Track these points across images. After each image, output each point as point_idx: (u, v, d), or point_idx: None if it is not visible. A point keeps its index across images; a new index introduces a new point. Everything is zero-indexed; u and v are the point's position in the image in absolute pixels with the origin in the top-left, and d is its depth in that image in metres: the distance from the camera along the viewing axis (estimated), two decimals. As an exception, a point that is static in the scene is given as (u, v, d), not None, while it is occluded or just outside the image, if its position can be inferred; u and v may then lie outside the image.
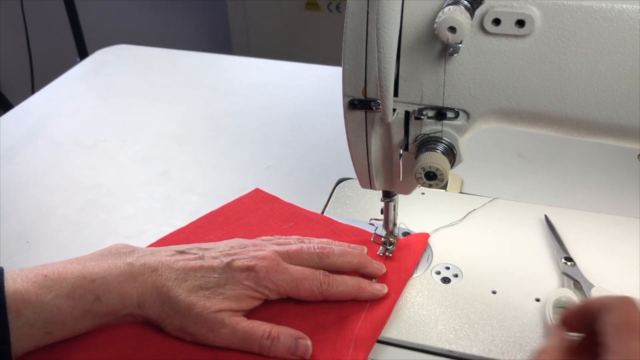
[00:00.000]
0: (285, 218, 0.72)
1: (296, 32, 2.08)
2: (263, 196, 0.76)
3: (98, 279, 0.52)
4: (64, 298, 0.50)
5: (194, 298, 0.53)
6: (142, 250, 0.56)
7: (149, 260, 0.54)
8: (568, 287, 0.61)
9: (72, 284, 0.51)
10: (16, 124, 0.97)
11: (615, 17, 0.43)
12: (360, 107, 0.52)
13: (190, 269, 0.55)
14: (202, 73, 1.15)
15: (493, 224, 0.71)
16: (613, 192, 0.78)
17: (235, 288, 0.54)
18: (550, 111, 0.47)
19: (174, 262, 0.55)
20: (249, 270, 0.55)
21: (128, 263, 0.54)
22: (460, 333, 0.57)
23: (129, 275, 0.53)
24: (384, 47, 0.43)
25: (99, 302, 0.51)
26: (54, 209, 0.77)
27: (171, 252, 0.56)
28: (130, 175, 0.84)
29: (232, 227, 0.71)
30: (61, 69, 1.17)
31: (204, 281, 0.54)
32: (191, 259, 0.56)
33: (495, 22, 0.45)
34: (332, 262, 0.60)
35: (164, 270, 0.54)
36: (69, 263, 0.53)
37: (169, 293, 0.53)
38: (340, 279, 0.58)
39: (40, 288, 0.49)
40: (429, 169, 0.49)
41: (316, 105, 1.02)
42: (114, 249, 0.56)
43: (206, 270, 0.55)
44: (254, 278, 0.55)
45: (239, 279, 0.54)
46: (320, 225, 0.71)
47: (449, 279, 0.63)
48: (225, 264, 0.55)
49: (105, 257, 0.54)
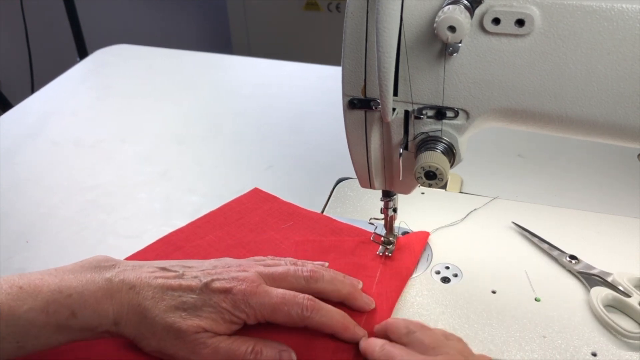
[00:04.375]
0: (285, 217, 0.72)
1: (296, 32, 2.08)
2: (262, 196, 0.76)
3: (75, 294, 0.50)
4: (37, 312, 0.48)
5: (170, 319, 0.51)
6: (124, 265, 0.54)
7: (128, 276, 0.53)
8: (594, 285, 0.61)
9: (47, 297, 0.49)
10: (16, 124, 0.97)
11: (615, 16, 0.43)
12: (360, 107, 0.52)
13: (169, 287, 0.53)
14: (202, 73, 1.15)
15: (493, 223, 0.71)
16: (613, 192, 0.78)
17: (212, 311, 0.52)
18: (550, 110, 0.47)
19: (153, 280, 0.53)
20: (226, 292, 0.53)
21: (107, 279, 0.52)
22: (460, 333, 0.57)
23: (106, 292, 0.51)
24: (383, 47, 0.43)
25: (74, 318, 0.50)
26: (53, 208, 0.77)
27: (152, 269, 0.55)
28: (130, 175, 0.84)
29: (232, 227, 0.71)
30: (61, 68, 1.17)
31: (180, 301, 0.52)
32: (171, 277, 0.54)
33: (495, 21, 0.45)
34: (319, 287, 0.57)
35: (141, 288, 0.52)
36: (47, 274, 0.51)
37: (146, 314, 0.51)
38: (326, 309, 0.54)
39: (13, 300, 0.48)
40: (428, 169, 0.49)
41: (316, 105, 1.02)
42: (95, 261, 0.54)
43: (184, 290, 0.53)
44: (231, 301, 0.52)
45: (216, 300, 0.52)
46: (320, 224, 0.71)
47: (448, 278, 0.63)
48: (204, 284, 0.53)
49: (85, 270, 0.53)
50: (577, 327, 0.57)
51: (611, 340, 0.56)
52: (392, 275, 0.62)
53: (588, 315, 0.58)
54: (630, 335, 0.55)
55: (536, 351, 0.55)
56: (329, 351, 0.55)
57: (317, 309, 0.54)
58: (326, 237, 0.69)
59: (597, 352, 0.55)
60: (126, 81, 1.12)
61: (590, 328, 0.57)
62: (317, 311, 0.54)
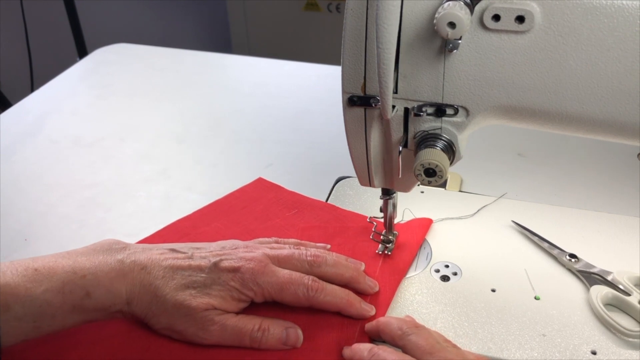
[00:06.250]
0: (289, 205, 0.73)
1: (296, 33, 2.08)
2: (266, 185, 0.78)
3: (88, 275, 0.51)
4: (54, 293, 0.50)
5: (180, 297, 0.53)
6: (134, 247, 0.56)
7: (139, 257, 0.54)
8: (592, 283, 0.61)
9: (63, 279, 0.50)
10: (15, 122, 0.97)
11: (615, 13, 0.42)
12: (360, 104, 0.52)
13: (178, 267, 0.54)
14: (202, 72, 1.14)
15: (492, 222, 0.71)
16: (613, 190, 0.78)
17: (221, 289, 0.54)
18: (550, 108, 0.47)
19: (163, 260, 0.55)
20: (234, 271, 0.55)
21: (118, 260, 0.54)
22: (459, 331, 0.57)
23: (119, 272, 0.53)
24: (383, 44, 0.43)
25: (88, 298, 0.51)
26: (52, 207, 0.77)
27: (162, 250, 0.56)
28: (129, 174, 0.84)
29: (238, 215, 0.72)
30: (60, 67, 1.17)
31: (190, 280, 0.54)
32: (180, 257, 0.56)
33: (495, 18, 0.45)
34: (322, 271, 0.58)
35: (152, 268, 0.54)
36: (60, 257, 0.53)
37: (156, 292, 0.53)
38: (330, 289, 0.57)
39: (30, 282, 0.49)
40: (428, 166, 0.49)
41: (315, 104, 1.02)
42: (106, 244, 0.55)
43: (193, 270, 0.55)
44: (240, 279, 0.54)
45: (225, 279, 0.54)
46: (324, 211, 0.72)
47: (448, 277, 0.63)
48: (213, 263, 0.55)
49: (96, 252, 0.54)
50: (577, 325, 0.57)
51: (611, 338, 0.56)
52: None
53: (588, 313, 0.58)
54: (630, 333, 0.55)
55: (536, 349, 0.55)
56: (335, 328, 0.56)
57: (322, 289, 0.56)
58: (330, 224, 0.70)
59: (597, 350, 0.55)
60: (126, 80, 1.11)
61: (590, 326, 0.57)
62: (321, 291, 0.56)
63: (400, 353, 0.51)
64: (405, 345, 0.51)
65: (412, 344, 0.51)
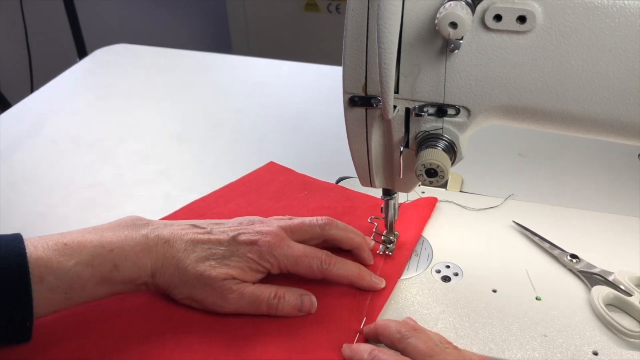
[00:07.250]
0: (300, 187, 0.76)
1: (296, 33, 2.08)
2: (278, 168, 0.81)
3: (116, 249, 0.54)
4: (83, 265, 0.52)
5: (201, 268, 0.56)
6: (156, 223, 0.59)
7: (163, 232, 0.57)
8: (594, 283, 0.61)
9: (92, 252, 0.53)
10: (15, 123, 0.97)
11: (616, 13, 0.42)
12: (361, 104, 0.52)
13: (199, 241, 0.57)
14: (202, 72, 1.14)
15: (493, 222, 0.70)
16: (614, 191, 0.78)
17: (240, 260, 0.57)
18: (551, 108, 0.47)
19: (185, 235, 0.57)
20: (252, 244, 0.57)
21: (143, 235, 0.56)
22: (460, 332, 0.57)
23: (144, 246, 0.55)
24: (384, 44, 0.43)
25: (116, 271, 0.54)
26: (52, 207, 0.77)
27: (184, 226, 0.59)
28: (129, 174, 0.84)
29: (252, 196, 0.75)
30: (60, 67, 1.17)
31: (210, 252, 0.57)
32: (201, 232, 0.58)
33: (497, 18, 0.44)
34: (333, 234, 0.62)
35: (175, 241, 0.57)
36: (87, 232, 0.55)
37: (179, 264, 0.56)
38: (342, 262, 0.60)
39: (61, 255, 0.51)
40: (429, 166, 0.49)
41: (316, 104, 1.02)
42: (130, 220, 0.58)
43: (213, 243, 0.57)
44: (257, 252, 0.57)
45: (243, 251, 0.57)
46: (334, 192, 0.75)
47: (449, 277, 0.63)
48: (231, 237, 0.58)
49: (121, 227, 0.57)
50: (578, 326, 0.57)
51: (612, 339, 0.56)
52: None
53: (589, 314, 0.58)
54: (632, 334, 0.55)
55: (537, 350, 0.55)
56: (348, 296, 0.59)
57: (335, 262, 0.59)
58: (339, 204, 0.72)
59: (599, 351, 0.54)
60: (126, 80, 1.11)
61: (591, 327, 0.57)
62: (334, 264, 0.59)
63: (400, 355, 0.50)
64: (405, 348, 0.51)
65: (411, 347, 0.51)
